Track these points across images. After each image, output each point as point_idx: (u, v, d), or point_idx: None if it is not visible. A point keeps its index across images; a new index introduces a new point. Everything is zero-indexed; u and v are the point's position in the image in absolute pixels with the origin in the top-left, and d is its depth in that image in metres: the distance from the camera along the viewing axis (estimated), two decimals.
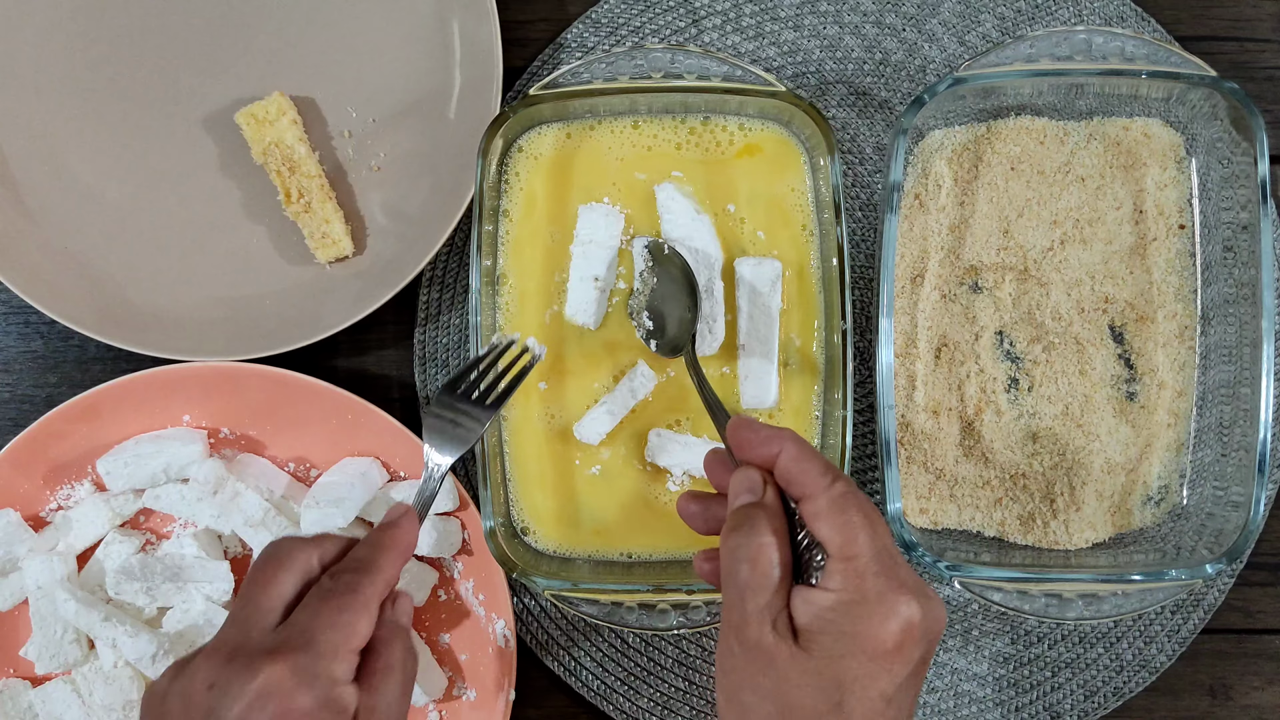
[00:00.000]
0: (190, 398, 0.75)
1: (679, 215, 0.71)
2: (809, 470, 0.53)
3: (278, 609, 0.53)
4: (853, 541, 0.51)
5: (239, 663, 0.51)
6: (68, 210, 0.78)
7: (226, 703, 0.50)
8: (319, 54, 0.78)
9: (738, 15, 0.79)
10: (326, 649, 0.52)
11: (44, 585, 0.72)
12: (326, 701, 0.51)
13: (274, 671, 0.50)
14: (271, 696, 0.50)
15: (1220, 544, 0.68)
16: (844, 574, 0.51)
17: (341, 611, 0.53)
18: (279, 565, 0.54)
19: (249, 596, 0.54)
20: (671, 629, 0.69)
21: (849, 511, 0.52)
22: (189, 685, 0.51)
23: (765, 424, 0.57)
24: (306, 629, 0.52)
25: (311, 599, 0.53)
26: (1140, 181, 0.74)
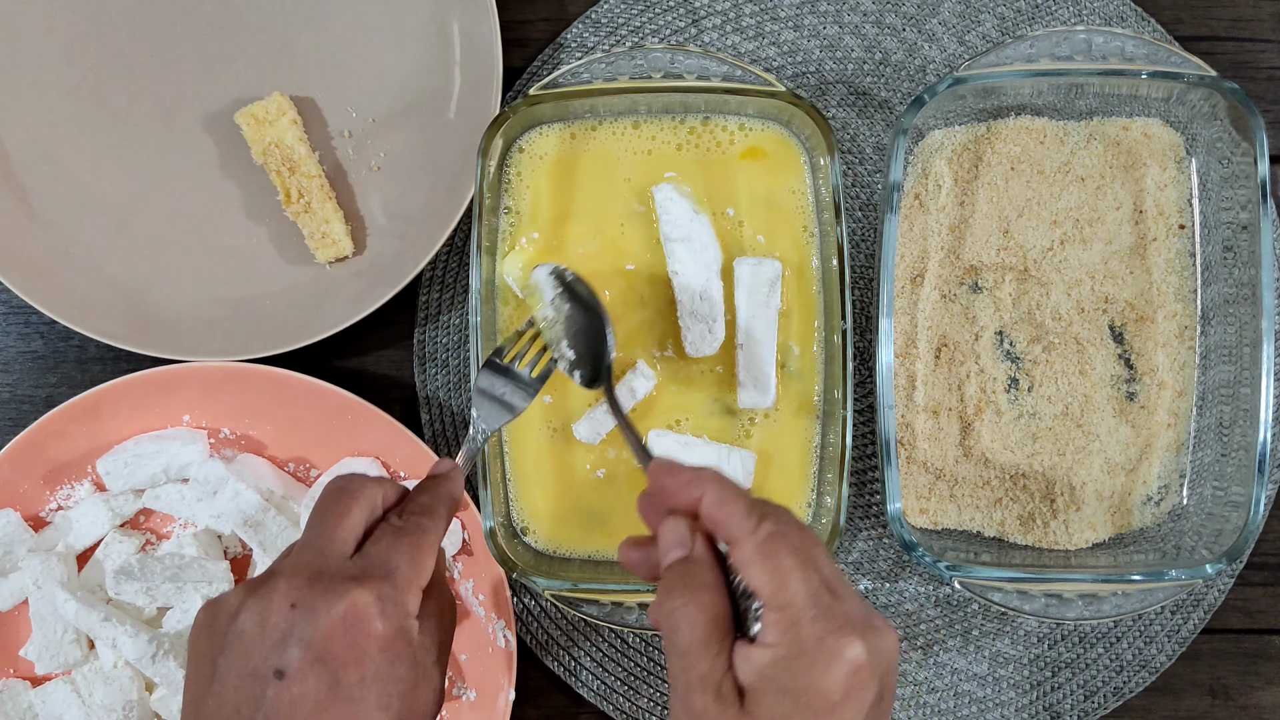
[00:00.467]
0: (190, 398, 0.75)
1: (677, 216, 0.71)
2: (732, 514, 0.51)
3: (351, 540, 0.53)
4: (784, 587, 0.49)
5: (322, 585, 0.51)
6: (68, 210, 0.78)
7: (311, 622, 0.50)
8: (319, 54, 0.78)
9: (738, 15, 0.79)
10: (403, 582, 0.52)
11: (44, 585, 0.72)
12: (400, 631, 0.51)
13: (360, 596, 0.50)
14: (355, 620, 0.50)
15: (1220, 544, 0.68)
16: (778, 625, 0.48)
17: (415, 549, 0.53)
18: (352, 498, 0.54)
19: (323, 524, 0.54)
20: None
21: (777, 555, 0.49)
22: (267, 603, 0.51)
23: (685, 467, 0.54)
24: (385, 561, 0.52)
25: (385, 534, 0.54)
26: (1140, 181, 0.74)
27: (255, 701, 0.49)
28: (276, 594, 0.51)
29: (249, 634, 0.50)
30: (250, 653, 0.50)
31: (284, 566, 0.52)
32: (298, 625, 0.50)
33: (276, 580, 0.51)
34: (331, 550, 0.53)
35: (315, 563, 0.52)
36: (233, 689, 0.50)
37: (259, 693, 0.49)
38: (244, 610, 0.51)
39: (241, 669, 0.50)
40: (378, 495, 0.56)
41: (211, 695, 0.50)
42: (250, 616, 0.51)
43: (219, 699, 0.50)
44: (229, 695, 0.50)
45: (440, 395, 0.79)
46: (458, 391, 0.79)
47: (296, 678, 0.49)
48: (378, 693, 0.50)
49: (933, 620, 0.77)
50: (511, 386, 0.66)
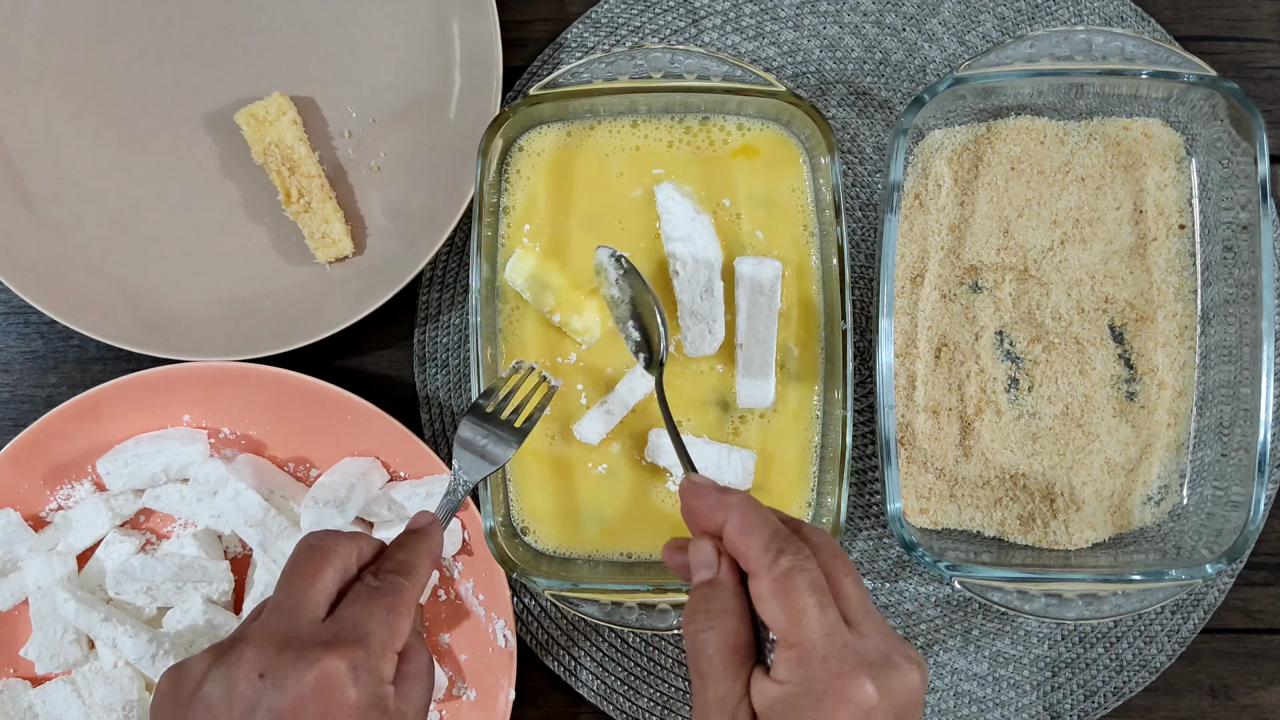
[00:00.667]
0: (190, 398, 0.75)
1: (678, 215, 0.71)
2: (752, 545, 0.51)
3: (323, 602, 0.52)
4: (796, 625, 0.48)
5: (292, 652, 0.49)
6: (68, 210, 0.78)
7: (280, 694, 0.48)
8: (319, 54, 0.78)
9: (738, 15, 0.79)
10: (378, 647, 0.51)
11: (44, 585, 0.72)
12: (374, 699, 0.50)
13: (330, 664, 0.49)
14: (326, 689, 0.48)
15: (1220, 544, 0.68)
16: (789, 663, 0.49)
17: (390, 611, 0.52)
18: (324, 558, 0.53)
19: (294, 586, 0.52)
20: (671, 629, 0.69)
21: (792, 592, 0.49)
22: (234, 672, 0.49)
23: (714, 489, 0.54)
24: (359, 625, 0.51)
25: (359, 596, 0.52)
26: (1140, 181, 0.74)
27: None
28: (244, 662, 0.49)
29: (216, 704, 0.49)
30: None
31: (251, 632, 0.50)
32: (265, 695, 0.48)
33: (244, 648, 0.50)
34: (302, 614, 0.51)
35: (285, 628, 0.50)
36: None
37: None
38: (209, 679, 0.49)
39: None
40: (352, 553, 0.54)
41: None
42: (216, 686, 0.49)
43: None
44: None
45: (440, 395, 0.79)
46: (458, 391, 0.79)
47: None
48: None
49: (933, 620, 0.77)
50: (495, 437, 0.65)
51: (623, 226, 0.73)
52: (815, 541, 0.53)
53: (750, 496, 0.55)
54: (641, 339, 0.69)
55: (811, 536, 0.53)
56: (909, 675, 0.49)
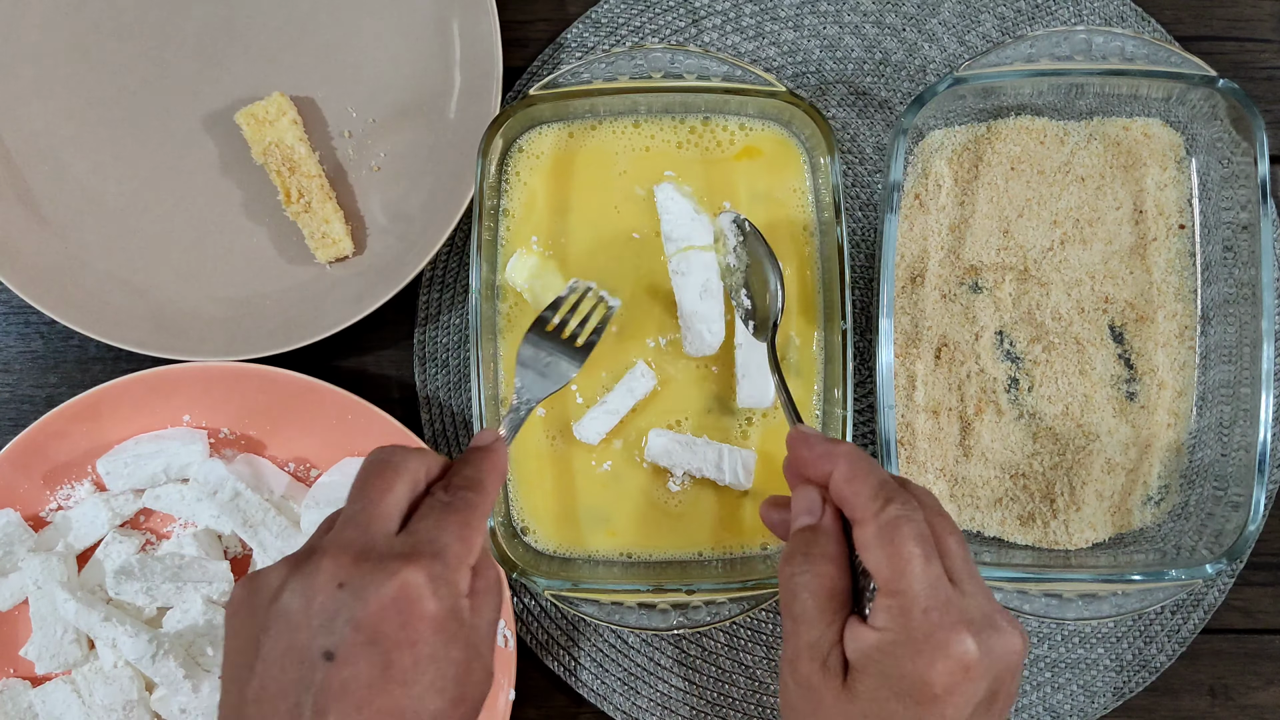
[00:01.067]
0: (190, 398, 0.75)
1: (678, 215, 0.71)
2: (860, 493, 0.51)
3: (396, 516, 0.51)
4: (900, 575, 0.48)
5: (370, 564, 0.48)
6: (68, 210, 0.78)
7: (360, 604, 0.47)
8: (319, 54, 0.78)
9: (738, 15, 0.79)
10: (454, 560, 0.50)
11: (44, 585, 0.72)
12: (453, 611, 0.49)
13: (409, 575, 0.48)
14: (407, 601, 0.48)
15: (1220, 544, 0.68)
16: (889, 611, 0.48)
17: (464, 526, 0.51)
18: (395, 472, 0.52)
19: (367, 500, 0.51)
20: (671, 629, 0.69)
21: (898, 541, 0.49)
22: (312, 582, 0.48)
23: (822, 439, 0.55)
24: (434, 539, 0.50)
25: (432, 511, 0.52)
26: (1140, 181, 0.74)
27: (303, 684, 0.47)
28: (321, 572, 0.48)
29: (294, 613, 0.48)
30: (296, 633, 0.48)
31: (327, 544, 0.50)
32: (345, 606, 0.48)
33: (320, 558, 0.49)
34: (376, 527, 0.50)
35: (360, 540, 0.50)
36: (278, 669, 0.48)
37: (307, 674, 0.47)
38: (287, 589, 0.49)
39: (287, 649, 0.48)
40: (421, 469, 0.53)
41: (255, 676, 0.48)
42: (295, 596, 0.48)
43: (262, 679, 0.48)
44: (274, 675, 0.48)
45: (440, 395, 0.79)
46: (458, 391, 0.79)
47: (347, 660, 0.47)
48: (432, 675, 0.48)
49: None
50: (555, 356, 0.65)
51: (623, 227, 0.73)
52: (921, 497, 0.53)
53: (858, 447, 0.55)
54: (751, 306, 0.69)
55: (917, 492, 0.53)
56: (1011, 638, 0.49)
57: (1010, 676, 0.49)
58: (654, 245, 0.73)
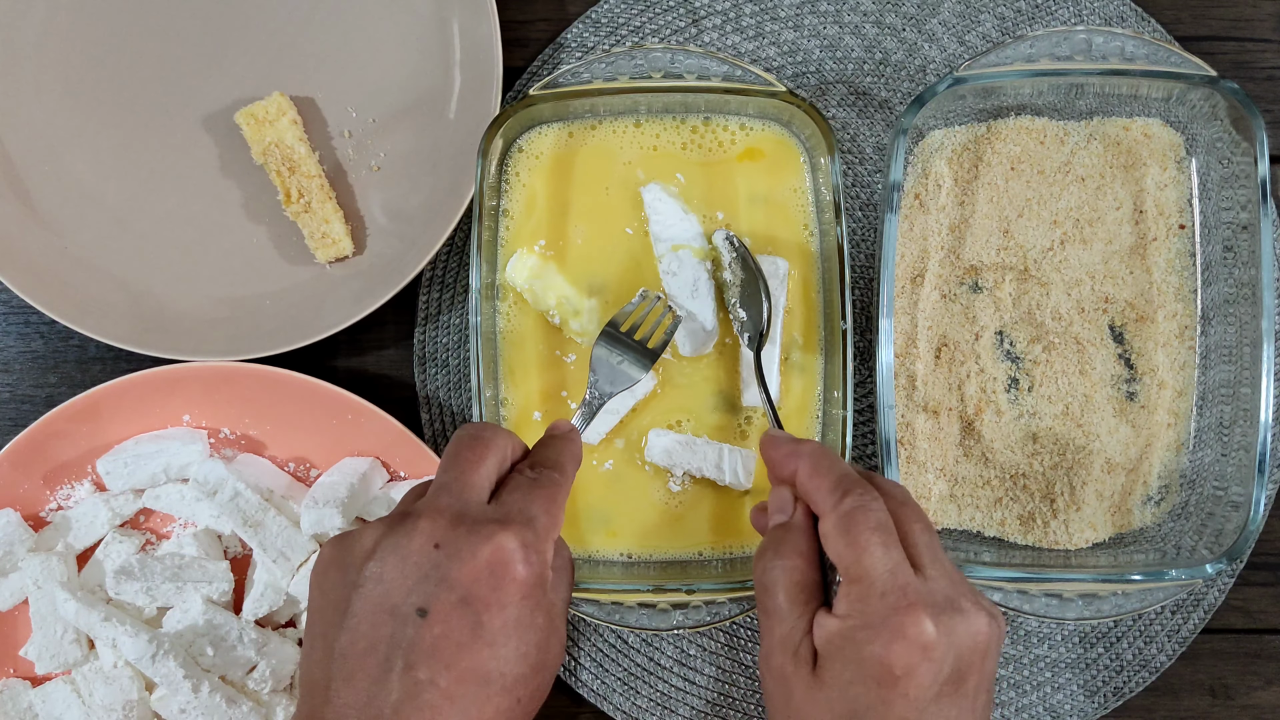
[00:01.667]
0: (190, 398, 0.75)
1: (667, 215, 0.71)
2: (820, 488, 0.53)
3: (486, 487, 0.53)
4: (857, 562, 0.50)
5: (465, 527, 0.50)
6: (68, 210, 0.78)
7: (456, 563, 0.49)
8: (319, 54, 0.78)
9: (738, 15, 0.79)
10: (543, 531, 0.51)
11: (44, 585, 0.72)
12: (540, 580, 0.51)
13: (504, 539, 0.49)
14: (500, 564, 0.49)
15: (1220, 544, 0.68)
16: (850, 597, 0.50)
17: (550, 502, 0.53)
18: (486, 446, 0.54)
19: (460, 469, 0.53)
20: (671, 629, 0.69)
21: (855, 530, 0.51)
22: (408, 541, 0.49)
23: (789, 439, 0.56)
24: (524, 510, 0.52)
25: (521, 485, 0.53)
26: (1140, 181, 0.74)
27: (394, 639, 0.48)
28: (418, 533, 0.50)
29: (389, 571, 0.49)
30: (391, 590, 0.49)
31: (422, 508, 0.51)
32: (441, 565, 0.49)
33: (417, 520, 0.50)
34: (470, 495, 0.52)
35: (455, 506, 0.51)
36: (369, 624, 0.49)
37: (399, 630, 0.48)
38: (382, 548, 0.50)
39: (380, 605, 0.49)
40: (508, 446, 0.55)
41: (344, 630, 0.49)
42: (391, 554, 0.49)
43: (353, 634, 0.49)
44: (365, 630, 0.49)
45: (440, 395, 0.79)
46: (458, 391, 0.79)
47: (439, 618, 0.48)
48: (517, 640, 0.50)
49: None
50: (628, 357, 0.68)
51: (623, 226, 0.73)
52: (886, 488, 0.55)
53: (822, 445, 0.57)
54: (749, 319, 0.70)
55: (883, 485, 0.55)
56: (974, 620, 0.50)
57: (979, 659, 0.50)
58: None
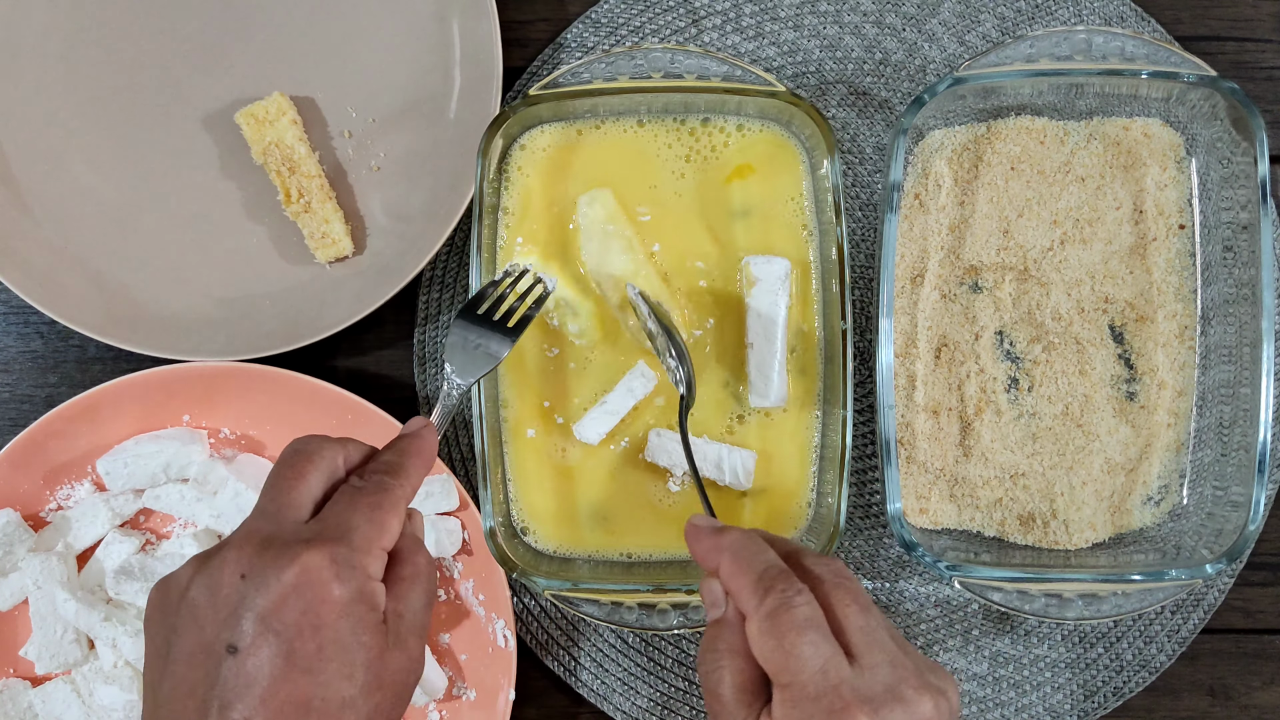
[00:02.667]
0: (190, 398, 0.75)
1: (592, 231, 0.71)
2: (742, 588, 0.51)
3: (307, 504, 0.51)
4: (785, 667, 0.48)
5: (273, 551, 0.48)
6: (68, 210, 0.78)
7: (261, 592, 0.47)
8: (319, 54, 0.78)
9: (738, 15, 0.79)
10: (361, 543, 0.49)
11: (44, 585, 0.72)
12: (360, 595, 0.49)
13: (310, 559, 0.48)
14: (308, 586, 0.47)
15: (1220, 544, 0.68)
16: (783, 704, 0.48)
17: (375, 509, 0.51)
18: (308, 461, 0.52)
19: (278, 489, 0.51)
20: (671, 629, 0.69)
21: (778, 631, 0.49)
22: (217, 576, 0.48)
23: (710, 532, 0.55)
24: (341, 522, 0.50)
25: (343, 495, 0.51)
26: (1140, 181, 0.74)
27: (210, 679, 0.47)
28: (226, 565, 0.48)
29: (200, 608, 0.48)
30: (203, 628, 0.47)
31: (234, 537, 0.50)
32: (248, 596, 0.47)
33: (226, 551, 0.49)
34: (285, 515, 0.50)
35: (266, 529, 0.49)
36: (185, 666, 0.47)
37: (213, 670, 0.47)
38: (194, 584, 0.48)
39: (194, 645, 0.47)
40: (338, 456, 0.53)
41: (167, 676, 0.48)
42: (200, 590, 0.48)
43: (174, 679, 0.47)
44: (183, 674, 0.47)
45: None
46: None
47: (250, 651, 0.46)
48: (339, 662, 0.47)
49: (933, 620, 0.77)
50: (487, 338, 0.64)
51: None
52: (817, 573, 0.52)
53: (745, 534, 0.54)
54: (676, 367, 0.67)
55: (814, 567, 0.53)
56: (919, 707, 0.48)
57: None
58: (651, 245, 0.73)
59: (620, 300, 0.71)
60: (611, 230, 0.71)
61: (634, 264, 0.71)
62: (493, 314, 0.64)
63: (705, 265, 0.73)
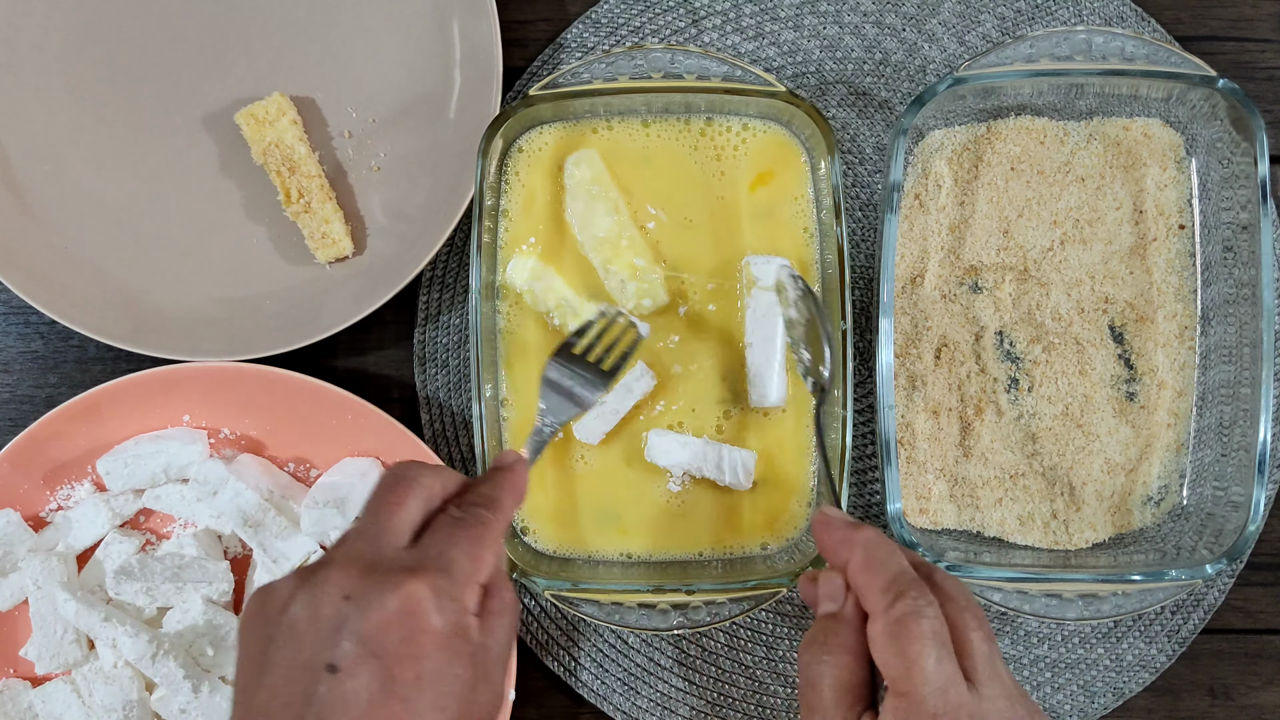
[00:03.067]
0: (190, 398, 0.75)
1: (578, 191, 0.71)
2: (871, 585, 0.51)
3: (407, 531, 0.51)
4: (906, 675, 0.48)
5: (377, 576, 0.48)
6: (68, 210, 0.78)
7: (364, 615, 0.47)
8: (319, 54, 0.78)
9: (738, 15, 0.79)
10: (461, 576, 0.50)
11: (44, 585, 0.72)
12: (457, 628, 0.49)
13: (415, 588, 0.48)
14: (410, 614, 0.48)
15: (1220, 544, 0.68)
16: (896, 712, 0.48)
17: (474, 543, 0.51)
18: (408, 487, 0.52)
19: (378, 514, 0.51)
20: (671, 629, 0.69)
21: (905, 638, 0.48)
22: (319, 594, 0.48)
23: (844, 523, 0.54)
24: (442, 554, 0.50)
25: (443, 526, 0.51)
26: (1140, 181, 0.74)
27: (306, 695, 0.47)
28: (329, 584, 0.48)
29: (300, 625, 0.48)
30: (302, 644, 0.48)
31: (336, 556, 0.50)
32: (350, 618, 0.48)
33: (329, 570, 0.49)
34: (386, 540, 0.50)
35: (369, 552, 0.50)
36: (283, 680, 0.48)
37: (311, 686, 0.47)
38: (295, 600, 0.49)
39: (293, 661, 0.48)
40: (436, 484, 0.53)
41: (262, 687, 0.48)
42: (302, 607, 0.48)
43: (269, 690, 0.48)
44: (280, 687, 0.48)
45: (440, 395, 0.79)
46: (458, 391, 0.79)
47: (349, 673, 0.47)
48: (433, 692, 0.48)
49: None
50: (581, 379, 0.65)
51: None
52: (946, 589, 0.52)
53: (880, 534, 0.54)
54: (814, 361, 0.67)
55: (943, 584, 0.52)
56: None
57: None
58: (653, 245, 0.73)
59: (603, 261, 0.71)
60: (596, 191, 0.71)
61: (619, 226, 0.71)
62: (587, 355, 0.66)
63: (711, 265, 0.73)
